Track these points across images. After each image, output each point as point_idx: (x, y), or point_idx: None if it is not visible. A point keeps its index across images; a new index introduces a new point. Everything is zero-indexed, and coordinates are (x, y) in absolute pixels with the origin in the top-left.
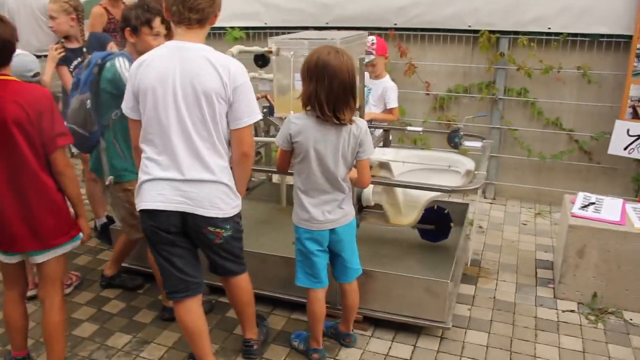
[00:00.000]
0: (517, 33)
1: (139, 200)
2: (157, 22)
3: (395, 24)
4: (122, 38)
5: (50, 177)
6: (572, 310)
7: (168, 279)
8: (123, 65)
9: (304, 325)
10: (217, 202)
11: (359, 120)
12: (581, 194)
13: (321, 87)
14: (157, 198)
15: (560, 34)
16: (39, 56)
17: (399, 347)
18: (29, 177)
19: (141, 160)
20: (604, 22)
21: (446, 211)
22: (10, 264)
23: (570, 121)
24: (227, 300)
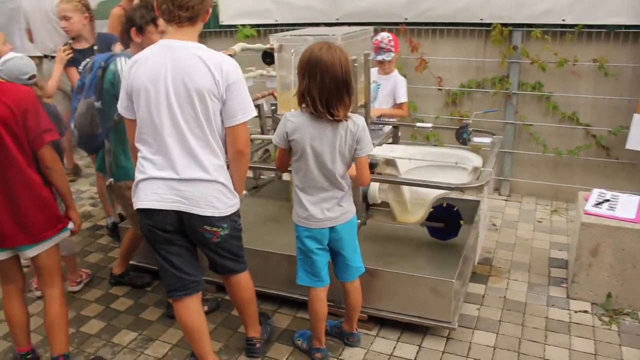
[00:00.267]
0: (530, 25)
1: (135, 199)
2: (162, 20)
3: (406, 19)
4: (128, 39)
5: (37, 173)
6: (585, 311)
7: (166, 277)
8: (123, 65)
9: (308, 324)
10: (213, 201)
11: (356, 117)
12: (596, 191)
13: (314, 83)
14: (153, 197)
15: (575, 25)
16: (54, 57)
17: (403, 347)
18: (17, 174)
19: (137, 159)
20: (620, 12)
21: (456, 209)
22: (3, 260)
23: (587, 115)
24: None
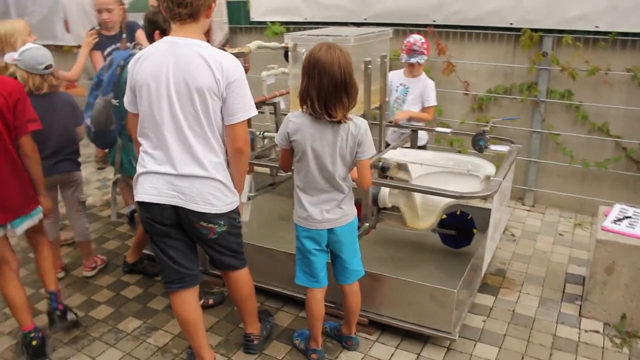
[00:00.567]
0: (561, 31)
1: (135, 192)
2: None
3: (434, 21)
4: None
5: (19, 158)
6: (596, 331)
7: (164, 269)
8: None
9: None
10: (210, 198)
11: (358, 119)
12: (617, 206)
13: (312, 83)
14: (151, 191)
15: (609, 32)
16: None
17: (402, 354)
18: (9, 158)
19: (139, 153)
20: None
21: (469, 217)
22: None
23: (618, 127)
24: None
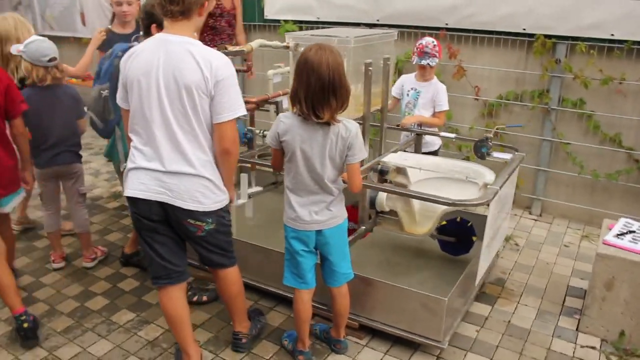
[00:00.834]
0: (575, 39)
1: (125, 187)
2: None
3: (447, 24)
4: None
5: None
6: (592, 347)
7: (151, 265)
8: None
9: None
10: (197, 196)
11: (349, 122)
12: (622, 220)
13: (301, 83)
14: (139, 187)
15: (625, 41)
16: None
17: None
18: (4, 140)
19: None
20: None
21: (469, 224)
22: None
23: (631, 138)
24: None
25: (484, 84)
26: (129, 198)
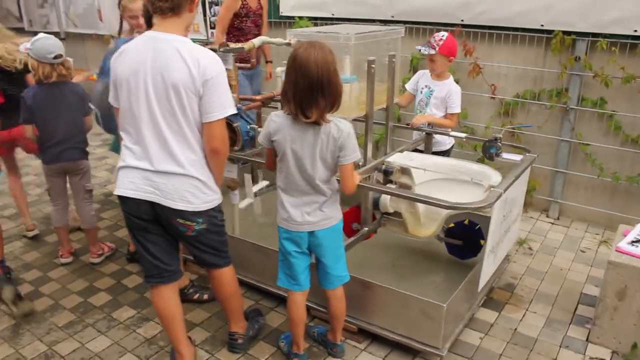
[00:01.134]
0: (596, 35)
1: (116, 185)
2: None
3: (462, 20)
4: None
5: None
6: (602, 359)
7: (143, 263)
8: None
9: None
10: (186, 196)
11: (341, 122)
12: (639, 226)
13: (289, 81)
14: (129, 186)
15: None
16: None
17: None
18: None
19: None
20: None
21: (478, 227)
22: None
23: None
24: None
25: (501, 82)
26: (120, 197)
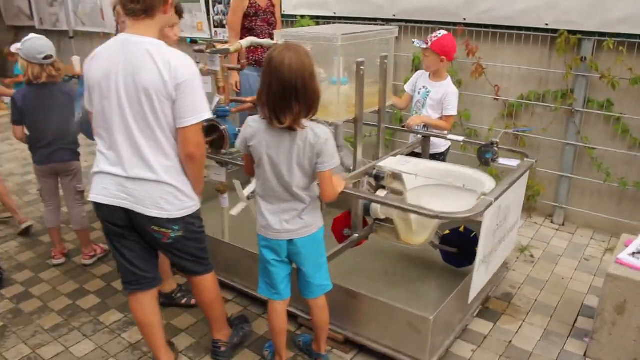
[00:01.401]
0: (603, 35)
1: (90, 191)
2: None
3: (465, 19)
4: None
5: None
6: None
7: (120, 269)
8: None
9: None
10: (160, 203)
11: (319, 128)
12: None
13: (264, 85)
14: (102, 192)
15: None
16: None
17: None
18: None
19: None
20: None
21: (473, 234)
22: None
23: None
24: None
25: (504, 83)
26: (94, 203)
